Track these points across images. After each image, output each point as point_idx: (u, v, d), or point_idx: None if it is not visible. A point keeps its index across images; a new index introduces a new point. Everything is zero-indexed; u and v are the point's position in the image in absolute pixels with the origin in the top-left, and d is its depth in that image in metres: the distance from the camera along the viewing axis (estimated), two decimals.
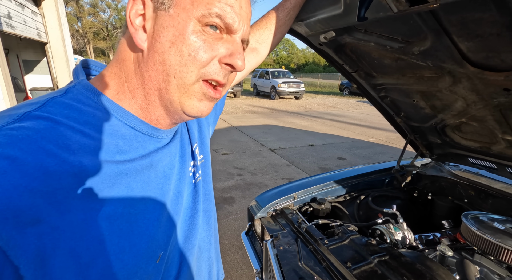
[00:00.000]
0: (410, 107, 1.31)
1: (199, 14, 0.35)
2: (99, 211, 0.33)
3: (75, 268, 0.31)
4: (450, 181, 1.54)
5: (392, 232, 1.20)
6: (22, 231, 0.27)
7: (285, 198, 1.48)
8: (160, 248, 0.41)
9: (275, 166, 4.12)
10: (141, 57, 0.37)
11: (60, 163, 0.31)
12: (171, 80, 0.37)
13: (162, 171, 0.43)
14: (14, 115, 0.32)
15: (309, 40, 1.20)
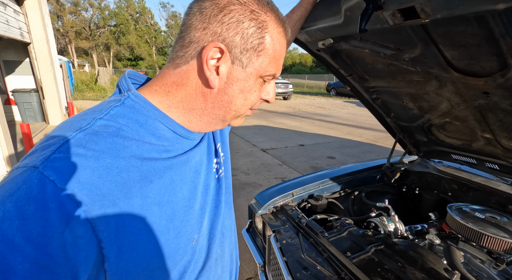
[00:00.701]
0: (400, 108, 1.41)
1: (264, 74, 0.47)
2: (151, 198, 0.40)
3: (137, 243, 0.38)
4: (435, 176, 1.66)
5: (386, 224, 1.29)
6: (105, 211, 0.34)
7: (284, 195, 1.55)
8: (195, 231, 0.49)
9: (267, 165, 4.19)
10: (207, 91, 0.46)
11: (127, 160, 0.38)
12: (231, 112, 0.50)
13: (194, 166, 0.51)
14: (88, 119, 0.39)
15: (308, 46, 1.28)
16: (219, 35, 0.42)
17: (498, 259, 1.06)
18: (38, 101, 6.35)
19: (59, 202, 0.31)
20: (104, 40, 35.59)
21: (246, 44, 0.43)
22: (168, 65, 0.47)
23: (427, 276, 0.91)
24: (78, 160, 0.34)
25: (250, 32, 0.43)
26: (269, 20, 0.44)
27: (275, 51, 0.46)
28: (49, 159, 0.33)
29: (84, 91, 14.36)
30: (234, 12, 0.42)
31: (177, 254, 0.45)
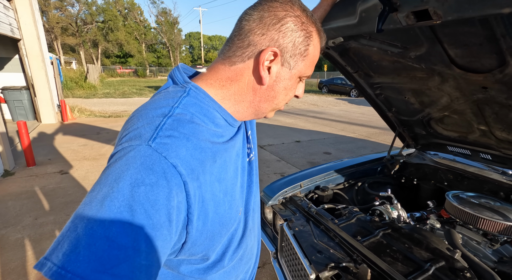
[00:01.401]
0: (401, 103, 1.50)
1: (303, 75, 0.55)
2: (214, 175, 0.48)
3: (207, 212, 0.47)
4: (432, 167, 1.77)
5: (389, 211, 1.38)
6: (193, 183, 0.42)
7: (293, 187, 1.62)
8: (240, 205, 0.58)
9: (266, 161, 4.26)
10: (257, 87, 0.53)
11: (204, 142, 0.46)
12: (273, 106, 0.57)
13: (236, 150, 0.58)
14: (168, 107, 0.47)
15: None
16: (276, 41, 0.49)
17: (492, 239, 1.17)
18: (29, 99, 6.21)
19: (171, 172, 0.39)
20: (92, 37, 34.73)
21: (295, 50, 0.51)
22: (223, 62, 0.53)
23: (432, 254, 1.00)
24: (175, 141, 0.42)
25: (300, 40, 0.51)
26: (314, 31, 0.52)
27: (314, 56, 0.55)
28: (156, 139, 0.40)
29: (73, 89, 14.05)
30: (290, 23, 0.49)
31: (229, 223, 0.54)
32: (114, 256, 0.33)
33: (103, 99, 11.74)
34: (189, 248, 0.47)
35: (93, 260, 0.32)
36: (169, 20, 40.20)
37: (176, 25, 40.83)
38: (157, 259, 0.38)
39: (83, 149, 4.74)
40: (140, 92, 14.92)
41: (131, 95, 13.60)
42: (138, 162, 0.38)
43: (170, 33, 40.21)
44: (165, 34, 39.94)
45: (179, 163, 0.40)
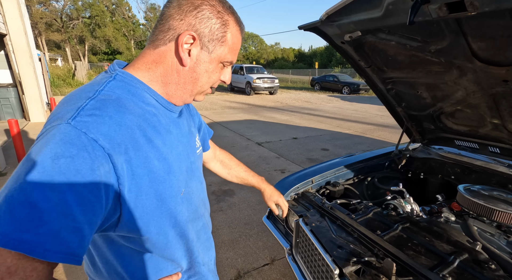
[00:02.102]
0: (412, 98, 1.51)
1: (224, 60, 0.60)
2: (153, 154, 0.52)
3: (141, 186, 0.50)
4: (438, 161, 1.79)
5: (403, 205, 1.39)
6: (120, 156, 0.45)
7: (304, 183, 1.61)
8: (182, 186, 0.61)
9: (265, 158, 4.25)
10: (180, 68, 0.57)
11: (131, 119, 0.49)
12: (197, 87, 0.62)
13: (178, 138, 0.62)
14: (93, 91, 0.50)
15: (333, 39, 1.33)
16: (193, 26, 0.54)
17: (507, 231, 1.19)
18: (17, 97, 5.98)
19: (92, 146, 0.42)
20: (78, 33, 33.69)
21: (212, 36, 0.56)
22: (148, 47, 0.57)
23: (454, 247, 1.01)
24: (97, 118, 0.45)
25: (216, 27, 0.56)
26: (230, 20, 0.58)
27: (233, 43, 0.60)
28: (76, 118, 0.44)
29: (61, 87, 13.62)
30: (205, 11, 0.54)
31: (170, 201, 0.56)
32: (36, 218, 0.36)
33: None
34: (126, 222, 0.50)
35: (15, 222, 0.36)
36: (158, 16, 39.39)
37: None
38: (86, 222, 0.41)
39: None
40: None
41: None
42: (57, 138, 0.41)
43: None
44: None
45: (100, 137, 0.43)
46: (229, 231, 2.33)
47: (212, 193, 3.05)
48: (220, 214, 2.61)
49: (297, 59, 65.27)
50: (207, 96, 13.26)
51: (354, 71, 13.67)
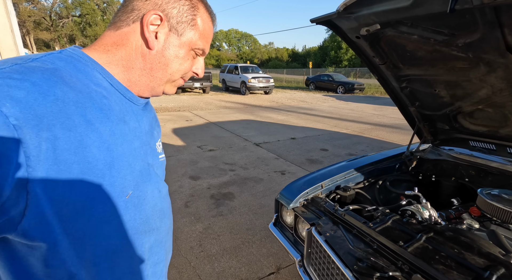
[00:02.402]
0: (428, 96, 1.43)
1: (195, 46, 0.55)
2: (92, 140, 0.42)
3: (67, 175, 0.39)
4: (451, 163, 1.72)
5: (421, 211, 1.31)
6: (38, 132, 0.36)
7: (314, 188, 1.51)
8: (130, 187, 0.49)
9: (264, 159, 4.15)
10: (146, 52, 0.52)
11: (65, 91, 0.40)
12: (167, 75, 0.55)
13: (135, 132, 0.53)
14: (24, 58, 0.41)
15: (347, 33, 1.23)
16: (159, 6, 0.50)
17: None
18: None
19: None
20: (68, 32, 32.98)
21: (181, 17, 0.52)
22: (109, 29, 0.52)
23: (487, 260, 0.92)
24: (14, 82, 0.36)
25: (185, 8, 0.52)
26: (200, 5, 0.54)
27: (204, 29, 0.56)
28: None
29: None
30: None
31: (107, 201, 0.45)
32: None
33: None
34: (34, 220, 0.37)
35: None
36: None
37: None
38: None
39: None
40: None
41: None
42: None
43: None
44: None
45: (8, 103, 0.34)
46: (231, 238, 2.21)
47: (211, 196, 2.93)
48: (220, 219, 2.49)
49: (291, 59, 65.48)
50: (202, 96, 13.11)
51: (349, 70, 13.88)
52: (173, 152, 4.41)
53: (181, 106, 9.61)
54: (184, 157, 4.20)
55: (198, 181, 3.31)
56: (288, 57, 67.38)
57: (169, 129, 6.02)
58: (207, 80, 13.63)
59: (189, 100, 11.20)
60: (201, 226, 2.37)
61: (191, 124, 6.61)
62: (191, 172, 3.57)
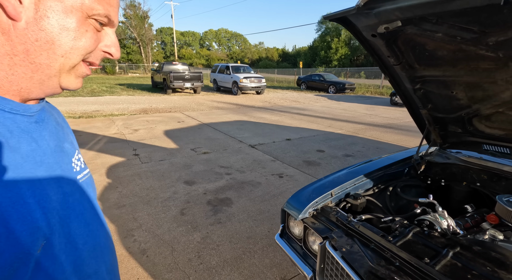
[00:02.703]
0: (444, 99, 1.35)
1: (91, 12, 0.39)
2: None
3: None
4: (461, 166, 1.66)
5: (439, 221, 1.23)
6: None
7: (323, 196, 1.42)
8: (41, 237, 0.37)
9: (260, 162, 4.04)
10: (8, 26, 0.34)
11: None
12: (59, 59, 0.39)
13: (29, 154, 0.39)
14: None
15: (362, 31, 1.14)
16: None
17: None
18: None
19: None
20: None
21: None
22: None
23: None
24: None
25: None
26: None
27: None
28: None
29: None
30: None
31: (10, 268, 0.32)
32: None
33: (69, 98, 10.75)
34: None
35: None
36: (139, 14, 38.18)
37: (147, 19, 38.89)
38: None
39: None
40: (111, 90, 13.91)
41: (102, 93, 12.62)
42: None
43: (140, 28, 38.23)
44: (134, 28, 37.89)
45: None
46: (231, 247, 2.10)
47: (208, 202, 2.79)
48: (219, 227, 2.37)
49: (281, 59, 65.69)
50: (193, 96, 12.88)
51: (339, 70, 13.97)
52: (165, 155, 4.24)
53: (172, 107, 9.38)
54: (178, 160, 4.04)
55: (193, 186, 3.17)
56: (278, 57, 67.56)
57: (160, 131, 5.83)
58: (198, 80, 13.41)
59: (180, 101, 10.97)
60: (199, 235, 2.24)
61: (183, 126, 6.43)
62: (186, 177, 3.43)
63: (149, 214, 2.54)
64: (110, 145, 4.76)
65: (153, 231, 2.27)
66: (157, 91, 14.53)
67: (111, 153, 4.32)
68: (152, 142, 4.97)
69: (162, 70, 14.02)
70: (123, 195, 2.91)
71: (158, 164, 3.88)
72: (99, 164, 3.83)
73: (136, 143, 4.89)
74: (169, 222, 2.42)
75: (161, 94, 13.36)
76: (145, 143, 4.90)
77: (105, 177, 3.36)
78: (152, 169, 3.68)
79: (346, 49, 43.67)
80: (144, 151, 4.43)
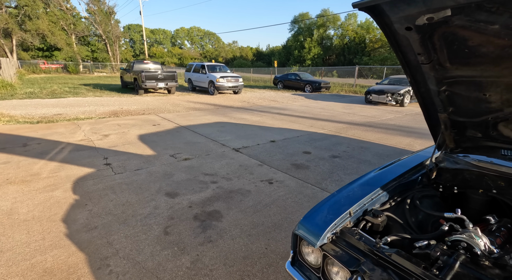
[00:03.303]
0: (470, 101, 1.22)
1: None
2: None
3: None
4: (475, 172, 1.56)
5: (477, 242, 1.08)
6: None
7: (342, 217, 1.22)
8: None
9: (247, 167, 3.80)
10: None
11: None
12: None
13: None
14: None
15: (393, 22, 0.95)
16: None
17: None
18: None
19: None
20: (2, 25, 28.74)
21: None
22: None
23: None
24: None
25: None
26: None
27: None
28: None
29: None
30: None
31: None
32: None
33: (26, 100, 9.65)
34: None
35: None
36: (103, 9, 35.84)
37: (113, 15, 36.64)
38: None
39: (4, 168, 3.59)
40: (75, 91, 12.80)
41: (64, 95, 11.54)
42: None
43: (106, 24, 35.92)
44: (99, 25, 35.50)
45: None
46: (227, 271, 1.84)
47: (194, 217, 2.50)
48: (210, 247, 2.09)
49: (255, 58, 65.67)
50: (167, 97, 12.27)
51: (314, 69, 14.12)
52: (142, 164, 3.83)
53: (146, 108, 8.78)
54: (156, 169, 3.67)
55: (176, 198, 2.85)
56: (253, 56, 67.44)
57: (134, 136, 5.34)
58: (173, 80, 12.79)
59: (154, 102, 10.35)
60: (188, 259, 1.96)
61: (159, 129, 5.97)
62: (167, 188, 3.09)
63: (127, 236, 2.19)
64: (76, 153, 4.22)
65: (133, 258, 1.94)
66: (127, 91, 13.64)
67: (78, 163, 3.82)
68: (126, 149, 4.51)
69: (132, 70, 13.17)
70: (94, 214, 2.51)
71: (134, 174, 3.48)
72: (63, 177, 3.34)
73: (107, 150, 4.40)
74: (151, 245, 2.10)
75: (132, 95, 12.54)
76: (118, 150, 4.43)
77: (71, 193, 2.92)
78: (128, 180, 3.28)
79: (319, 49, 44.70)
80: (116, 159, 3.98)
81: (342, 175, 3.59)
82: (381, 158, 4.33)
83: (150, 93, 13.71)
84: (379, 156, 4.43)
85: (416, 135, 6.00)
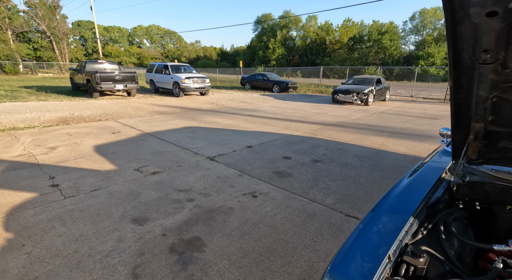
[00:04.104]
0: None
1: None
2: None
3: None
4: (498, 185, 1.40)
5: None
6: None
7: (383, 266, 0.93)
8: None
9: (226, 178, 3.41)
10: None
11: None
12: None
13: None
14: None
15: (473, 4, 0.67)
16: None
17: None
18: None
19: None
20: None
21: None
22: None
23: None
24: None
25: None
26: None
27: None
28: None
29: None
30: None
31: None
32: None
33: None
34: None
35: None
36: (46, 2, 32.16)
37: (58, 10, 33.06)
38: None
39: None
40: (14, 95, 11.09)
41: None
42: None
43: (50, 19, 32.28)
44: (42, 20, 31.77)
45: None
46: None
47: (170, 249, 2.05)
48: None
49: (220, 58, 64.78)
50: (127, 100, 11.26)
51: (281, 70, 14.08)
52: (100, 182, 3.22)
53: (102, 114, 7.84)
54: (119, 187, 3.10)
55: (145, 225, 2.36)
56: (217, 56, 66.41)
57: (89, 147, 4.60)
58: (132, 81, 11.75)
59: (112, 106, 9.34)
60: None
61: (120, 138, 5.26)
62: (133, 212, 2.57)
63: None
64: (11, 173, 3.43)
65: None
66: (79, 94, 12.22)
67: (13, 186, 3.08)
68: (79, 164, 3.81)
69: (84, 70, 11.82)
70: (34, 259, 1.93)
71: (90, 196, 2.87)
72: None
73: (54, 167, 3.67)
74: None
75: (85, 98, 11.25)
76: (68, 166, 3.72)
77: (1, 230, 2.26)
78: (82, 205, 2.68)
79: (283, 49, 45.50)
80: (67, 179, 3.31)
81: (328, 182, 3.40)
82: (361, 160, 4.25)
83: (107, 96, 12.46)
84: (359, 158, 4.36)
85: (387, 134, 6.13)
